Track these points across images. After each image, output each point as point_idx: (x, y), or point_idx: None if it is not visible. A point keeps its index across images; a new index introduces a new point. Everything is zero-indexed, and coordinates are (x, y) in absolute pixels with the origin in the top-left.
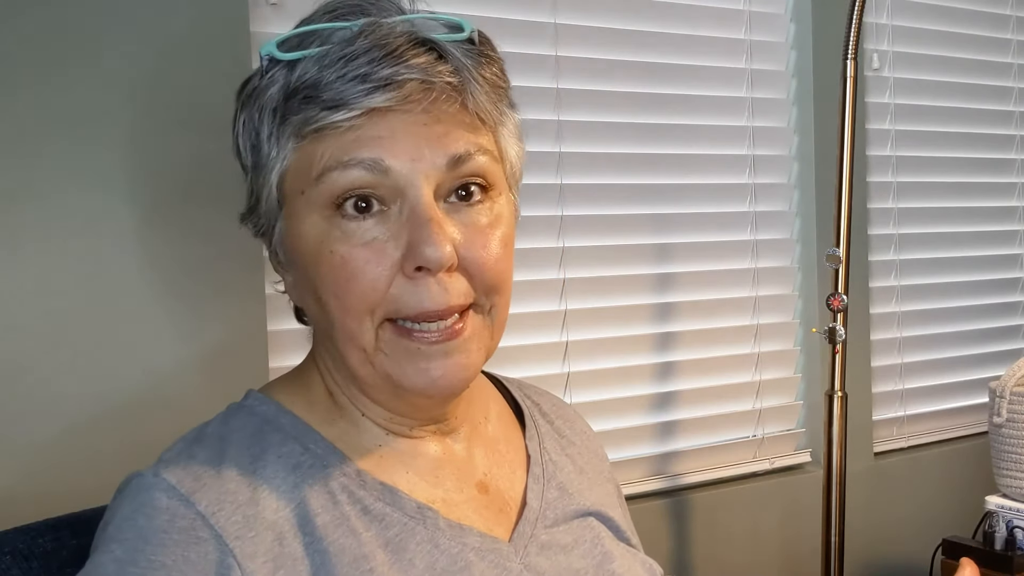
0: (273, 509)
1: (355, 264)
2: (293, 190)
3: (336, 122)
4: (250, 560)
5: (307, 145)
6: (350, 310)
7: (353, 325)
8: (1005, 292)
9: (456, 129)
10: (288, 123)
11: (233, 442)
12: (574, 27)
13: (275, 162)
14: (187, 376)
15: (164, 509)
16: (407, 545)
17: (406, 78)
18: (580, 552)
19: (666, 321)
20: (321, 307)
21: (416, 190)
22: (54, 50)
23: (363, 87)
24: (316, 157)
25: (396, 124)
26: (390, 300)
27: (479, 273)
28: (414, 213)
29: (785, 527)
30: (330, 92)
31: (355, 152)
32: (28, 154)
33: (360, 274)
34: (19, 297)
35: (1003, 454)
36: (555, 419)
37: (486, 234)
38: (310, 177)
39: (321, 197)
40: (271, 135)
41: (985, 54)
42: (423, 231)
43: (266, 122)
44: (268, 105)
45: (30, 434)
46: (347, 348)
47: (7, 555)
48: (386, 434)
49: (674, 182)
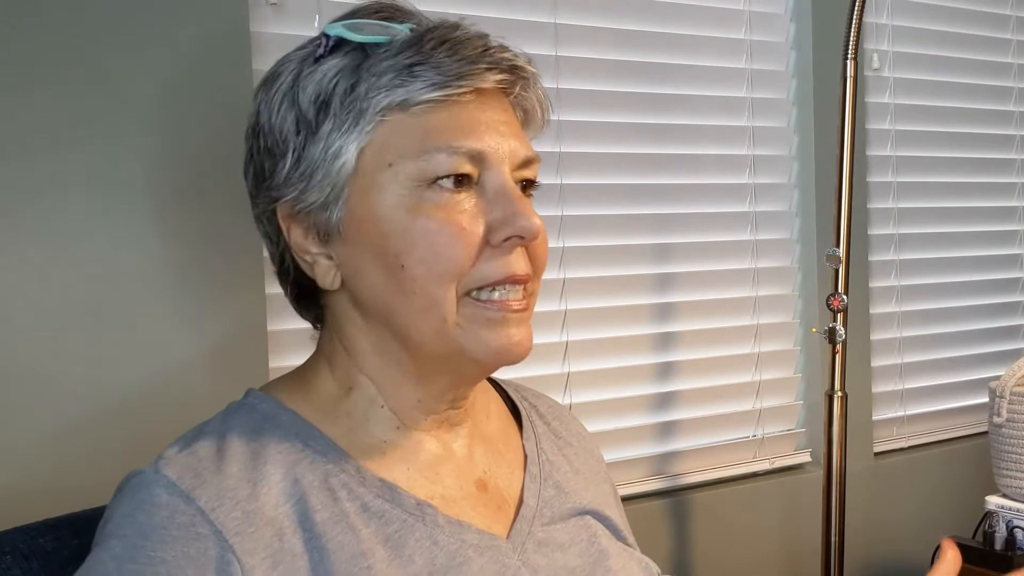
0: (272, 505)
1: (454, 229)
2: (378, 163)
3: (450, 95)
4: (249, 556)
5: (397, 119)
6: (441, 276)
7: (439, 292)
8: (1005, 292)
9: (521, 131)
10: (377, 93)
11: (233, 439)
12: (574, 27)
13: (352, 134)
14: (188, 376)
15: (164, 505)
16: (406, 541)
17: (498, 63)
18: (577, 550)
19: (666, 321)
20: (396, 279)
21: (502, 174)
22: (56, 51)
23: (480, 66)
24: (413, 133)
25: (484, 116)
26: (475, 270)
27: (537, 252)
28: (503, 191)
29: (785, 527)
30: (447, 67)
31: (462, 141)
32: (31, 155)
33: (459, 238)
34: (20, 297)
35: (1003, 454)
36: (552, 420)
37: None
38: (406, 151)
39: (416, 172)
40: (344, 109)
41: (985, 54)
42: (516, 205)
43: (335, 97)
44: (334, 80)
45: (30, 434)
46: (423, 318)
47: (7, 555)
48: (395, 428)
49: (674, 182)
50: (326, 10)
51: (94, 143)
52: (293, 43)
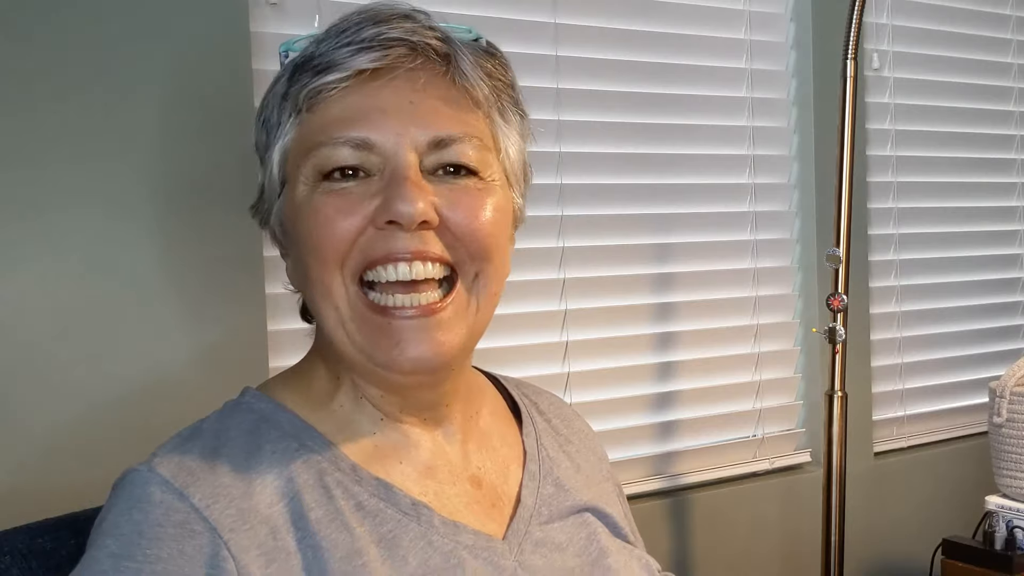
0: (267, 504)
1: (327, 213)
2: (292, 165)
3: (327, 84)
4: (244, 553)
5: (306, 119)
6: (321, 261)
7: (326, 279)
8: (1005, 292)
9: (444, 108)
10: (288, 99)
11: (228, 438)
12: (574, 27)
13: (278, 141)
14: (188, 376)
15: (159, 503)
16: (400, 541)
17: (389, 37)
18: (575, 549)
19: (666, 321)
20: (304, 270)
21: (398, 158)
22: (56, 55)
23: (348, 50)
24: (312, 130)
25: (384, 97)
26: (358, 250)
27: (464, 232)
28: (393, 174)
29: (785, 527)
30: (321, 58)
31: (343, 130)
32: (31, 155)
33: (331, 222)
34: (20, 298)
35: (1003, 454)
36: (552, 417)
37: (474, 197)
38: (304, 149)
39: (310, 169)
40: (278, 118)
41: (985, 54)
42: (398, 188)
43: (275, 108)
44: (278, 92)
45: (30, 434)
46: (324, 308)
47: (7, 555)
48: (381, 419)
49: (674, 182)
50: (326, 10)
51: (94, 143)
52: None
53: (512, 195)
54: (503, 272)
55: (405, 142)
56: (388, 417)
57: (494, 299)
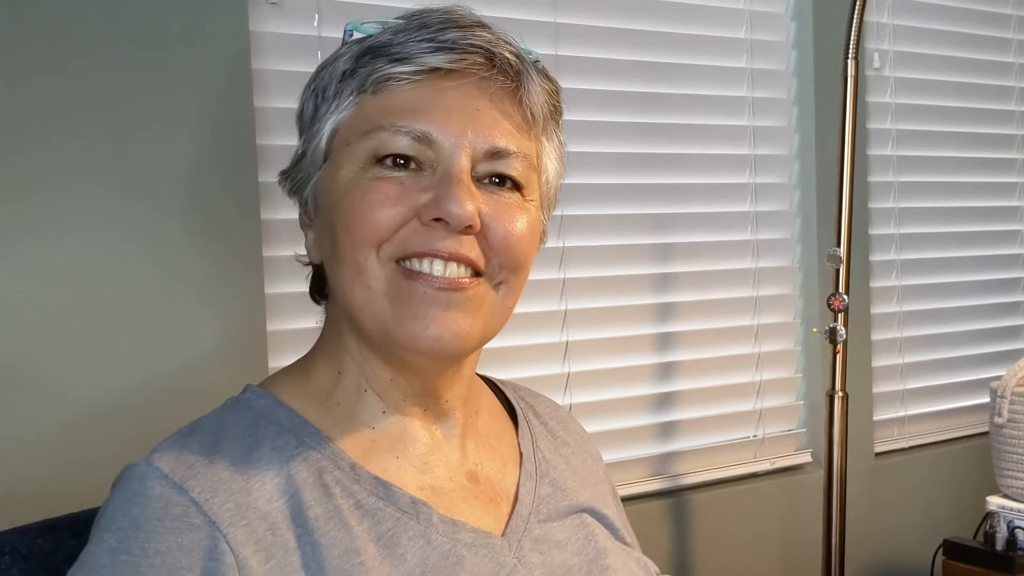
0: (266, 500)
1: (375, 197)
2: (341, 142)
3: (397, 74)
4: (243, 547)
5: (367, 100)
6: (359, 242)
7: (360, 259)
8: (1006, 292)
9: (505, 121)
10: (354, 77)
11: (228, 434)
12: (574, 26)
13: (331, 115)
14: (187, 376)
15: (157, 497)
16: (399, 540)
17: (470, 44)
18: (574, 548)
19: (666, 321)
20: (334, 246)
21: (453, 159)
22: (55, 49)
23: (427, 46)
24: (372, 113)
25: (451, 98)
26: (399, 239)
27: (501, 244)
28: (447, 173)
29: (786, 528)
30: (398, 48)
31: (407, 121)
32: (32, 155)
33: (378, 207)
34: (20, 298)
35: (1004, 454)
36: (549, 420)
37: (514, 212)
38: (361, 130)
39: (364, 150)
40: (336, 92)
41: (986, 53)
42: (452, 188)
43: (333, 82)
44: (340, 68)
45: (29, 434)
46: (352, 288)
47: (6, 555)
48: (383, 412)
49: (674, 182)
50: (325, 10)
51: (93, 143)
52: (293, 42)
53: (542, 217)
54: (520, 291)
55: (464, 144)
56: (390, 408)
57: (508, 312)
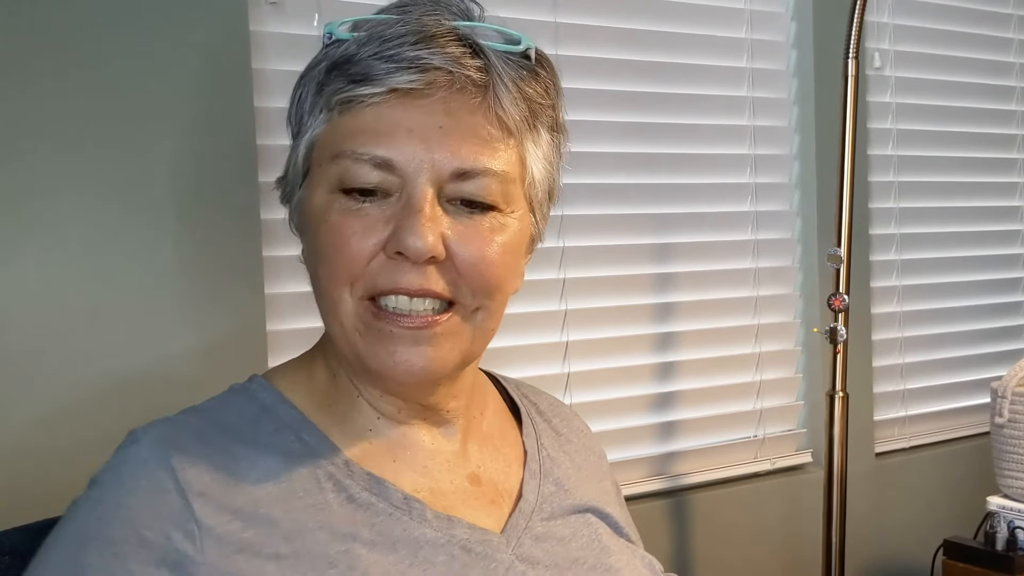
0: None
1: (344, 233)
2: (316, 159)
3: (360, 96)
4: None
5: (336, 119)
6: (334, 278)
7: (336, 295)
8: (1007, 292)
9: (471, 139)
10: (322, 94)
11: (228, 422)
12: (575, 26)
13: (308, 130)
14: (187, 376)
15: (142, 461)
16: (391, 532)
17: (429, 63)
18: (577, 545)
19: (666, 321)
20: (315, 275)
21: (415, 185)
22: (55, 51)
23: (388, 65)
24: (339, 134)
25: (414, 118)
26: (368, 275)
27: (471, 271)
28: (408, 202)
29: (786, 528)
30: (359, 67)
31: (369, 147)
32: (31, 155)
33: (346, 243)
34: (19, 297)
35: (1005, 454)
36: (552, 418)
37: (484, 236)
38: (329, 153)
39: (333, 176)
40: (312, 105)
41: (986, 53)
42: (410, 220)
43: (310, 94)
44: (315, 78)
45: (28, 434)
46: (329, 320)
47: (7, 555)
48: (377, 418)
49: (675, 181)
50: (325, 9)
51: (93, 143)
52: (292, 42)
53: (532, 220)
54: (502, 310)
55: (425, 168)
56: (386, 416)
57: (491, 333)
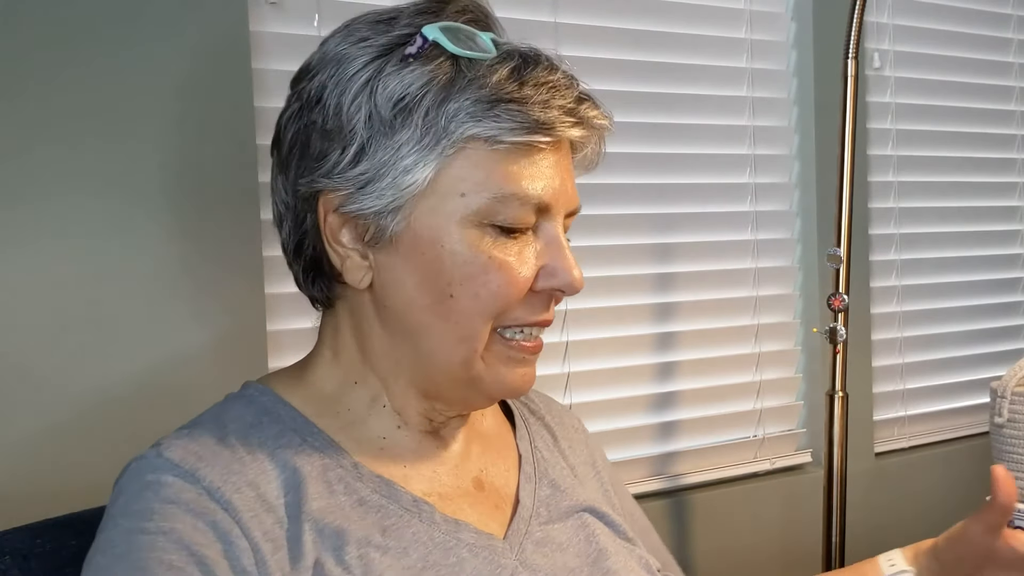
0: (273, 494)
1: (512, 273)
2: (450, 188)
3: (539, 143)
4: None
5: (486, 152)
6: (486, 312)
7: (479, 326)
8: (1006, 292)
9: (573, 181)
10: (477, 122)
11: (232, 428)
12: (575, 26)
13: (431, 153)
14: (187, 376)
15: (170, 484)
16: (402, 535)
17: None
18: (575, 550)
19: (666, 321)
20: (442, 303)
21: (558, 224)
22: (55, 50)
23: (569, 120)
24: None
25: (558, 166)
26: (516, 310)
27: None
28: (556, 241)
29: (785, 528)
30: (540, 114)
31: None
32: (31, 155)
33: (515, 282)
34: (19, 297)
35: (1004, 454)
36: (545, 415)
37: None
38: (483, 187)
39: (490, 210)
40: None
41: (986, 53)
42: (564, 260)
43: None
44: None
45: (29, 434)
46: (456, 346)
47: (7, 555)
48: (398, 427)
49: (675, 181)
50: (325, 9)
51: (92, 142)
52: (292, 42)
53: None
54: None
55: (564, 208)
56: (406, 425)
57: None
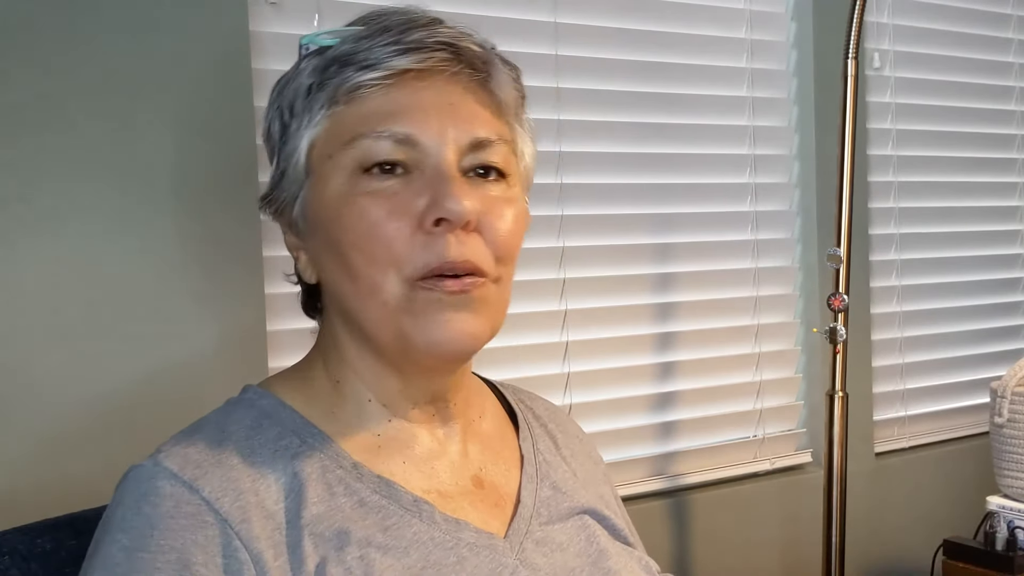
0: (273, 500)
1: (378, 213)
2: (322, 155)
3: (368, 81)
4: (255, 542)
5: (340, 111)
6: (374, 261)
7: (378, 276)
8: (1006, 292)
9: (482, 112)
10: (323, 89)
11: (232, 433)
12: (574, 26)
13: (305, 131)
14: (187, 376)
15: (168, 495)
16: (403, 535)
17: (436, 41)
18: (575, 550)
19: (666, 321)
20: (343, 265)
21: (441, 157)
22: (54, 50)
23: (393, 49)
24: (349, 122)
25: (425, 97)
26: (415, 256)
27: (494, 238)
28: (437, 172)
29: (786, 528)
30: (363, 55)
31: (386, 124)
32: (31, 154)
33: (383, 223)
34: (18, 297)
35: (1004, 454)
36: (548, 422)
37: (501, 205)
38: (341, 141)
39: (349, 161)
40: (305, 106)
41: (986, 53)
42: (446, 187)
43: (299, 97)
44: (304, 82)
45: (29, 434)
46: (367, 305)
47: (6, 555)
48: (388, 420)
49: (674, 182)
50: (325, 10)
51: (92, 143)
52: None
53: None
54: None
55: (447, 140)
56: (396, 416)
57: (507, 304)
